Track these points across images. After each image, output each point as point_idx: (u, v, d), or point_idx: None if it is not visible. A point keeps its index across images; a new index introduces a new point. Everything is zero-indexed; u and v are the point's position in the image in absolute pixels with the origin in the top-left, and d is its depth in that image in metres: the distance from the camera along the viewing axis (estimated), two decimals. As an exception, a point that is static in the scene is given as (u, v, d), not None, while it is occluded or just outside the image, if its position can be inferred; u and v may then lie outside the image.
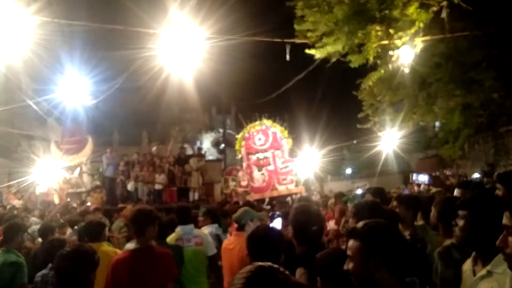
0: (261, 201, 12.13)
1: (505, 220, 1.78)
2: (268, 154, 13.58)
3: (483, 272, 2.04)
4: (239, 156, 14.20)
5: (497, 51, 10.79)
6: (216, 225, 5.67)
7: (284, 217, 4.55)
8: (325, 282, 2.22)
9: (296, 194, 12.27)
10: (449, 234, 2.69)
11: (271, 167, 13.39)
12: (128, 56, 9.01)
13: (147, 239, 3.46)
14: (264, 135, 13.73)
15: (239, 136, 14.12)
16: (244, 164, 13.79)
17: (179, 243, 4.45)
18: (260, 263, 1.24)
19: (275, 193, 12.85)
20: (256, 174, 13.40)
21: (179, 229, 4.61)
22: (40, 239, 5.37)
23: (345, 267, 1.85)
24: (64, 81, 10.51)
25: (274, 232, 2.80)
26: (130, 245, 4.06)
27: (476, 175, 11.91)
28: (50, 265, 3.52)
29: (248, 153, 13.75)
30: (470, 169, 14.50)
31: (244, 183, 13.65)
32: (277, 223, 4.61)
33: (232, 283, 1.19)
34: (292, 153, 14.50)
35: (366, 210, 2.89)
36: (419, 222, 3.61)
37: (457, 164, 16.11)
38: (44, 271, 3.58)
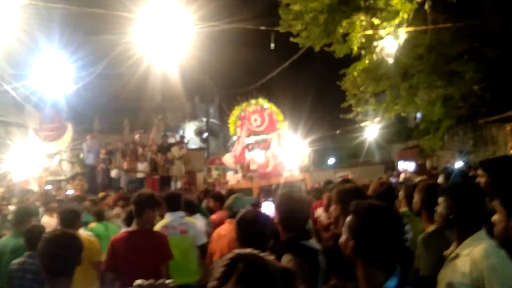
0: (269, 187, 11.09)
1: None
2: (271, 135, 12.64)
3: (452, 254, 2.16)
4: (234, 137, 13.01)
5: (479, 44, 10.93)
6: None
7: None
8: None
9: (300, 180, 11.51)
10: (432, 220, 2.72)
11: (276, 151, 12.35)
12: (110, 42, 8.82)
13: (144, 221, 3.69)
14: (260, 116, 12.79)
15: (234, 113, 12.84)
16: (240, 147, 12.49)
17: (164, 230, 4.39)
18: (240, 251, 1.19)
19: (281, 180, 11.35)
20: (259, 157, 12.35)
21: (167, 216, 4.58)
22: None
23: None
24: (43, 66, 10.24)
25: (263, 217, 2.75)
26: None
27: (459, 164, 12.13)
28: (27, 252, 3.44)
29: (246, 135, 12.61)
30: (450, 160, 14.76)
31: (254, 166, 12.22)
32: (268, 208, 4.57)
33: (213, 272, 1.15)
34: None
35: (350, 195, 2.89)
36: (403, 209, 3.65)
37: (437, 155, 16.40)
38: (20, 259, 3.48)
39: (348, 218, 1.82)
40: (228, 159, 12.75)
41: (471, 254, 1.99)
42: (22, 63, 12.36)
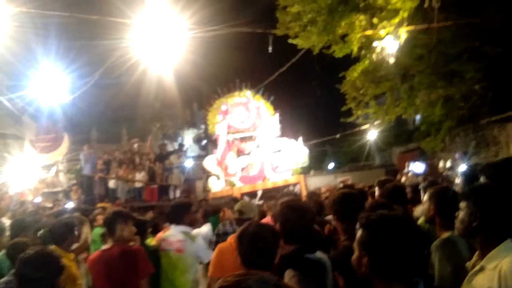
0: (252, 194, 9.75)
1: None
2: (257, 132, 10.79)
3: (477, 267, 1.94)
4: (214, 136, 11.11)
5: (479, 43, 10.83)
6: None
7: None
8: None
9: (294, 185, 10.17)
10: (447, 227, 2.55)
11: (262, 150, 10.61)
12: (106, 49, 8.67)
13: (118, 238, 3.56)
14: (245, 110, 10.83)
15: (214, 108, 10.90)
16: (222, 147, 10.65)
17: (161, 244, 4.16)
18: (248, 274, 1.00)
19: (269, 185, 10.21)
20: (241, 159, 10.55)
21: (169, 228, 4.27)
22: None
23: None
24: (39, 77, 10.10)
25: (267, 230, 2.37)
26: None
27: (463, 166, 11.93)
28: (12, 271, 3.24)
29: (227, 132, 10.77)
30: (451, 162, 14.60)
31: (232, 170, 10.41)
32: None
33: None
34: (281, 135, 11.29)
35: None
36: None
37: (438, 157, 16.23)
38: (7, 278, 3.25)
39: (359, 233, 1.66)
40: (209, 163, 10.79)
41: (499, 267, 1.78)
42: (18, 73, 12.22)
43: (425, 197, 2.93)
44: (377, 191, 4.58)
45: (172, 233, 4.15)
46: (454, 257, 2.44)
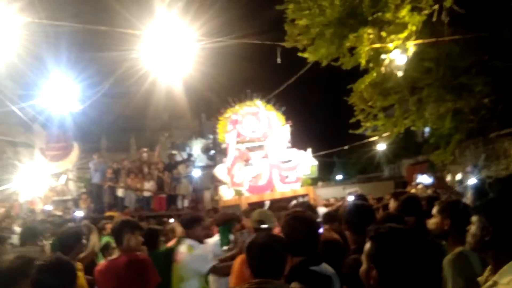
0: (260, 204, 9.37)
1: None
2: (267, 142, 10.75)
3: (490, 282, 1.91)
4: (223, 145, 11.18)
5: (488, 56, 10.79)
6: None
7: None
8: None
9: (303, 196, 9.95)
10: (458, 241, 2.53)
11: (271, 160, 10.53)
12: (116, 61, 8.79)
13: (125, 248, 3.55)
14: (255, 119, 10.81)
15: (224, 117, 10.93)
16: (231, 156, 10.62)
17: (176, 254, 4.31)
18: (263, 282, 1.01)
19: (277, 195, 10.08)
20: (249, 168, 10.46)
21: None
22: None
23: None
24: (50, 86, 10.24)
25: (277, 241, 2.37)
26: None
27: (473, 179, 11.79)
28: None
29: (237, 141, 10.72)
30: (461, 175, 14.47)
31: (238, 179, 10.33)
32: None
33: None
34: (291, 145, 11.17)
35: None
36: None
37: (448, 170, 16.10)
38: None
39: (367, 245, 1.66)
40: (220, 171, 10.84)
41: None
42: (29, 83, 12.41)
43: (434, 211, 2.90)
44: (392, 203, 4.50)
45: (181, 245, 4.32)
46: (466, 272, 2.41)
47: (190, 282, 4.20)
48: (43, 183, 13.09)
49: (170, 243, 4.63)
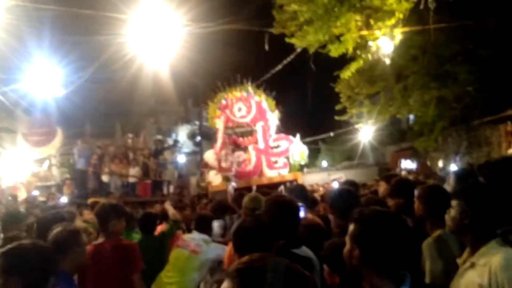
0: (248, 189, 9.43)
1: None
2: (257, 127, 10.77)
3: (467, 263, 2.01)
4: (214, 129, 11.26)
5: (472, 45, 10.93)
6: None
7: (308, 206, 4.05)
8: (333, 272, 2.08)
9: (290, 182, 9.90)
10: (437, 225, 2.61)
11: (259, 145, 10.54)
12: (100, 44, 8.65)
13: (110, 233, 3.51)
14: (245, 105, 10.84)
15: (214, 102, 10.98)
16: (220, 140, 10.72)
17: (179, 242, 4.31)
18: (263, 256, 1.05)
19: (264, 180, 10.11)
20: (236, 154, 10.54)
21: (193, 233, 4.41)
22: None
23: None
24: (32, 70, 10.05)
25: (262, 225, 2.46)
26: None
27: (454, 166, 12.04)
28: None
29: (226, 127, 10.87)
30: (443, 161, 14.75)
31: (225, 164, 10.27)
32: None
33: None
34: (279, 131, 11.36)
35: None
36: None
37: (431, 156, 16.39)
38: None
39: (351, 227, 1.73)
40: (209, 156, 10.86)
41: (489, 264, 1.86)
42: (11, 67, 12.12)
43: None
44: (382, 186, 4.52)
45: (193, 237, 4.28)
46: (445, 254, 2.49)
47: (202, 271, 4.24)
48: (25, 169, 12.91)
49: (160, 227, 4.61)
